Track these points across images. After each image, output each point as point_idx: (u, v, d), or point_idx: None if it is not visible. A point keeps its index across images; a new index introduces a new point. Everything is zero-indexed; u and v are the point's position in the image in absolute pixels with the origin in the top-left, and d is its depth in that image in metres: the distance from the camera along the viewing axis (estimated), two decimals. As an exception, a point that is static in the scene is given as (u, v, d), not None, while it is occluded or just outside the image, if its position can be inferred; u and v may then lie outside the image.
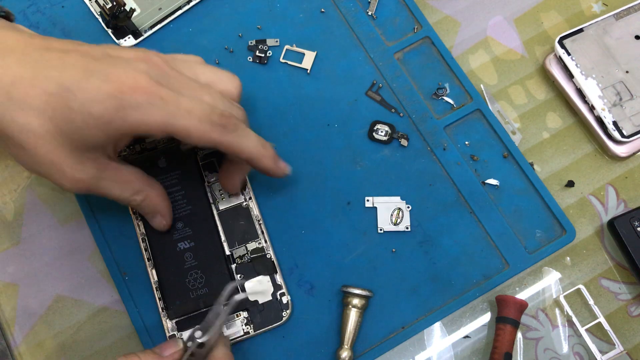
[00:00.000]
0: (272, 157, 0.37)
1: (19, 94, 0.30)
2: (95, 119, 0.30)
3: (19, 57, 0.31)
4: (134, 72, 0.31)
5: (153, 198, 0.37)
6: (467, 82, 0.45)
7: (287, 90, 0.45)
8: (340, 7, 0.47)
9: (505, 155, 0.44)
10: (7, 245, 0.42)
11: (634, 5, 0.46)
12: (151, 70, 0.32)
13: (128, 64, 0.32)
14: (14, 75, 0.30)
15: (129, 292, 0.40)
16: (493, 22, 0.48)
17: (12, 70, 0.30)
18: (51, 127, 0.31)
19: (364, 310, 0.39)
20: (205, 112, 0.32)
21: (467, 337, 0.41)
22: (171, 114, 0.31)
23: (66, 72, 0.30)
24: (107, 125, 0.31)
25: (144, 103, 0.31)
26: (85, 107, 0.30)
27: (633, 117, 0.44)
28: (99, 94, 0.30)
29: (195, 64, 0.36)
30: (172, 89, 0.32)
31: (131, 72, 0.31)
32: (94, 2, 0.46)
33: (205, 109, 0.32)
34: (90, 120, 0.30)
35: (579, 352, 0.41)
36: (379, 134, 0.44)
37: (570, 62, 0.45)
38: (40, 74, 0.30)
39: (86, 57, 0.32)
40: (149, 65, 0.32)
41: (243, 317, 0.39)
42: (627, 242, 0.41)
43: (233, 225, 0.41)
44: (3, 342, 0.40)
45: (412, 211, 0.42)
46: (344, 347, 0.39)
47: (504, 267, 0.41)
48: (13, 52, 0.31)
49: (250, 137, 0.35)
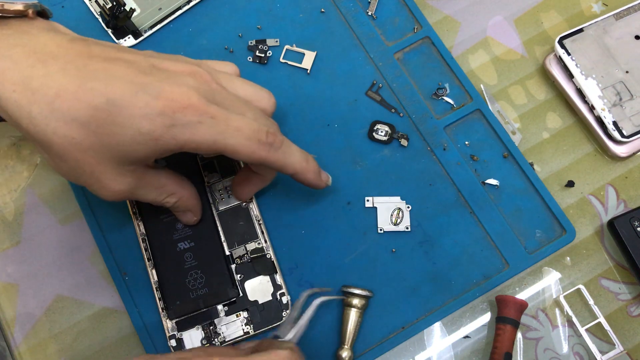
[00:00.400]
0: (316, 171, 0.37)
1: (62, 106, 0.29)
2: (143, 135, 0.30)
3: (62, 65, 0.30)
4: (184, 88, 0.30)
5: (186, 198, 0.37)
6: (467, 82, 0.45)
7: (287, 90, 0.45)
8: (340, 7, 0.47)
9: (505, 155, 0.44)
10: (7, 245, 0.42)
11: (634, 5, 0.46)
12: (200, 86, 0.32)
13: (177, 79, 0.31)
14: (58, 86, 0.29)
15: (129, 292, 0.40)
16: (493, 22, 0.48)
17: (56, 81, 0.29)
18: (95, 140, 0.30)
19: (364, 310, 0.39)
20: (253, 130, 0.32)
21: (467, 337, 0.41)
22: (221, 132, 0.31)
23: (113, 85, 0.30)
24: (155, 141, 0.30)
25: (195, 121, 0.30)
26: (133, 123, 0.29)
27: (633, 117, 0.44)
28: (149, 110, 0.30)
29: (234, 78, 0.36)
30: (220, 106, 0.32)
31: (182, 88, 0.30)
32: (94, 2, 0.46)
33: (253, 127, 0.32)
34: (138, 136, 0.30)
35: (579, 352, 0.41)
36: (379, 134, 0.44)
37: (570, 62, 0.45)
38: (86, 85, 0.29)
39: (132, 67, 0.31)
40: (198, 81, 0.32)
41: (243, 317, 0.39)
42: (627, 242, 0.41)
43: (233, 225, 0.41)
44: (3, 342, 0.40)
45: (412, 211, 0.42)
46: (344, 347, 0.39)
47: (504, 267, 0.41)
48: (55, 59, 0.30)
49: (294, 153, 0.35)
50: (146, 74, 0.31)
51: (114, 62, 0.31)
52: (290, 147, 0.35)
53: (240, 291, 0.39)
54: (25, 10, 0.32)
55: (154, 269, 0.40)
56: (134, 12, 0.45)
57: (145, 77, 0.30)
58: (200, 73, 0.32)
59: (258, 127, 0.33)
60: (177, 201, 0.37)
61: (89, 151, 0.30)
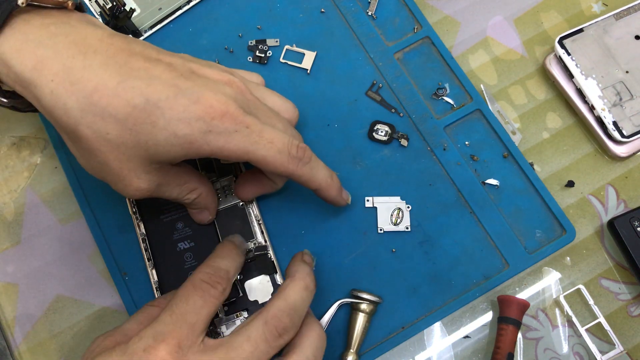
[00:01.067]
0: (338, 188, 0.37)
1: (101, 101, 0.29)
2: (178, 138, 0.30)
3: (102, 59, 0.30)
4: (223, 96, 0.31)
5: (205, 195, 0.38)
6: (467, 82, 0.45)
7: (287, 90, 0.45)
8: (340, 7, 0.47)
9: (505, 155, 0.44)
10: (7, 245, 0.42)
11: (634, 5, 0.46)
12: (237, 96, 0.32)
13: (216, 87, 0.31)
14: (98, 80, 0.29)
15: (129, 292, 0.40)
16: (493, 22, 0.48)
17: (97, 75, 0.29)
18: (129, 138, 0.30)
19: (372, 315, 0.39)
20: (284, 144, 0.33)
21: (467, 337, 0.41)
22: (254, 142, 0.31)
23: (153, 86, 0.30)
24: (189, 145, 0.30)
25: (231, 130, 0.31)
26: (171, 125, 0.30)
27: (633, 117, 0.44)
28: (188, 115, 0.30)
29: (262, 88, 0.36)
30: (255, 117, 0.32)
31: (221, 96, 0.31)
32: (94, 2, 0.46)
33: (285, 140, 0.33)
34: (174, 138, 0.30)
35: (579, 352, 0.41)
36: (379, 134, 0.44)
37: (570, 62, 0.45)
38: (126, 83, 0.29)
39: (172, 70, 0.31)
40: (235, 90, 0.32)
41: (243, 317, 0.39)
42: (627, 242, 0.41)
43: (229, 224, 0.41)
44: (3, 342, 0.40)
45: (412, 211, 0.42)
46: (350, 351, 0.38)
47: (504, 267, 0.41)
48: (96, 53, 0.30)
49: (320, 169, 0.36)
50: (186, 78, 0.31)
51: (155, 62, 0.31)
52: (317, 162, 0.35)
53: (240, 291, 0.39)
54: (65, 1, 0.32)
55: (154, 269, 0.40)
56: (134, 12, 0.45)
57: (186, 81, 0.31)
58: (236, 83, 0.33)
59: (289, 140, 0.33)
60: (198, 197, 0.37)
61: (121, 147, 0.30)
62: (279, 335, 0.31)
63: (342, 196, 0.38)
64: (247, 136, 0.31)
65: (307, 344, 0.32)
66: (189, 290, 0.31)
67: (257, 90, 0.35)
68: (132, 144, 0.30)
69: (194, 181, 0.36)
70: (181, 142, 0.30)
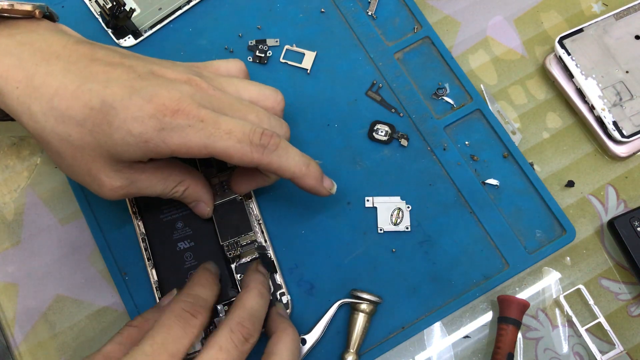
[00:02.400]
0: (315, 177, 0.35)
1: (61, 104, 0.30)
2: (133, 136, 0.30)
3: (64, 65, 0.31)
4: (177, 93, 0.31)
5: (194, 186, 0.37)
6: (467, 82, 0.45)
7: (287, 90, 0.45)
8: (340, 7, 0.47)
9: (505, 155, 0.44)
10: (7, 245, 0.42)
11: (634, 5, 0.46)
12: (196, 93, 0.32)
13: (172, 85, 0.31)
14: (58, 84, 0.30)
15: (129, 292, 0.40)
16: (493, 22, 0.48)
17: (57, 80, 0.30)
18: (90, 139, 0.31)
19: (372, 316, 0.39)
20: (245, 132, 0.32)
21: (467, 337, 0.41)
22: (210, 135, 0.31)
23: (110, 88, 0.30)
24: (145, 144, 0.31)
25: (184, 125, 0.31)
26: (125, 124, 0.30)
27: (633, 117, 0.44)
28: (141, 113, 0.30)
29: (235, 80, 0.36)
30: (216, 111, 0.32)
31: (174, 93, 0.31)
32: (94, 2, 0.46)
33: (246, 129, 0.32)
34: (129, 137, 0.30)
35: (579, 352, 0.41)
36: (379, 134, 0.44)
37: (570, 62, 0.45)
38: (85, 86, 0.30)
39: (130, 72, 0.32)
40: (193, 88, 0.32)
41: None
42: (627, 242, 0.41)
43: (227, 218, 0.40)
44: (3, 342, 0.40)
45: (412, 211, 0.42)
46: (349, 351, 0.38)
47: (504, 267, 0.41)
48: (59, 59, 0.31)
49: (291, 156, 0.34)
50: (143, 79, 0.31)
51: (115, 66, 0.32)
52: (287, 150, 0.34)
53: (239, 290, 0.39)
54: (32, 10, 0.33)
55: (154, 268, 0.40)
56: (134, 12, 0.45)
57: (142, 81, 0.31)
58: (195, 80, 0.33)
59: (251, 128, 0.32)
60: (187, 189, 0.37)
61: (85, 149, 0.31)
62: (245, 340, 0.32)
63: (322, 185, 0.36)
64: (202, 130, 0.31)
65: (284, 348, 0.34)
66: (170, 320, 0.32)
67: (228, 83, 0.35)
68: (93, 145, 0.31)
69: (178, 173, 0.36)
70: (137, 140, 0.30)
